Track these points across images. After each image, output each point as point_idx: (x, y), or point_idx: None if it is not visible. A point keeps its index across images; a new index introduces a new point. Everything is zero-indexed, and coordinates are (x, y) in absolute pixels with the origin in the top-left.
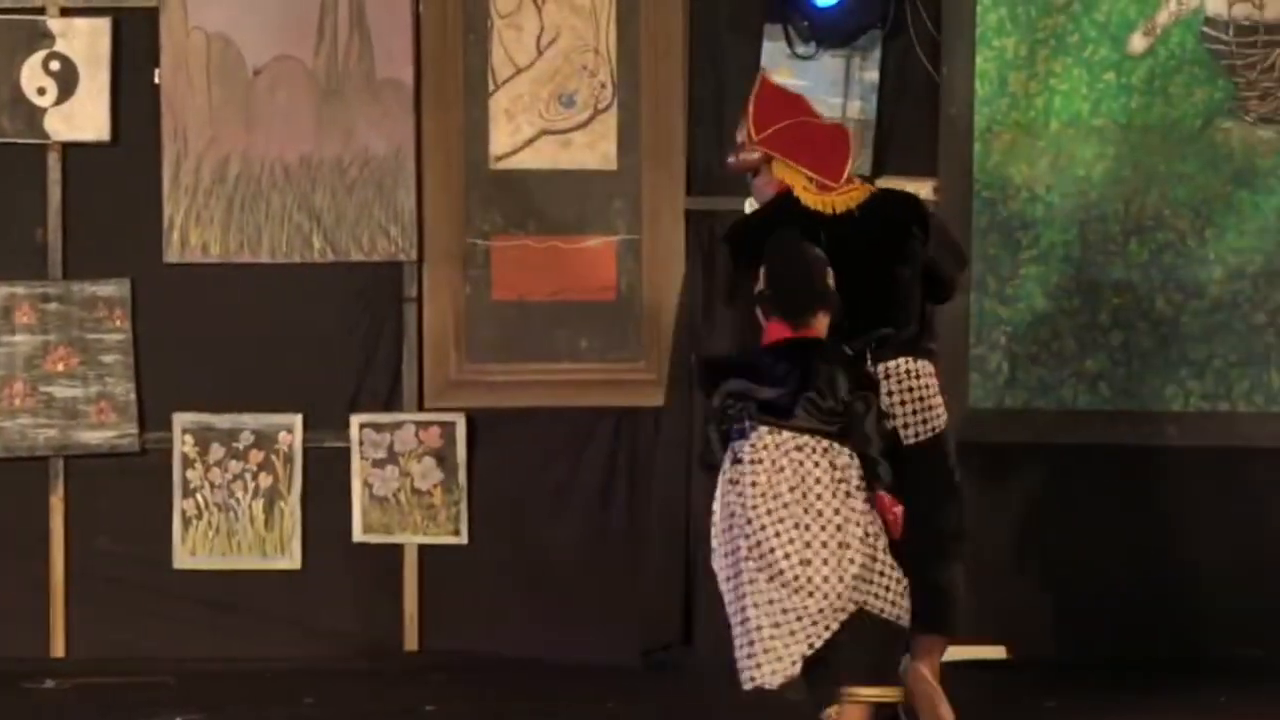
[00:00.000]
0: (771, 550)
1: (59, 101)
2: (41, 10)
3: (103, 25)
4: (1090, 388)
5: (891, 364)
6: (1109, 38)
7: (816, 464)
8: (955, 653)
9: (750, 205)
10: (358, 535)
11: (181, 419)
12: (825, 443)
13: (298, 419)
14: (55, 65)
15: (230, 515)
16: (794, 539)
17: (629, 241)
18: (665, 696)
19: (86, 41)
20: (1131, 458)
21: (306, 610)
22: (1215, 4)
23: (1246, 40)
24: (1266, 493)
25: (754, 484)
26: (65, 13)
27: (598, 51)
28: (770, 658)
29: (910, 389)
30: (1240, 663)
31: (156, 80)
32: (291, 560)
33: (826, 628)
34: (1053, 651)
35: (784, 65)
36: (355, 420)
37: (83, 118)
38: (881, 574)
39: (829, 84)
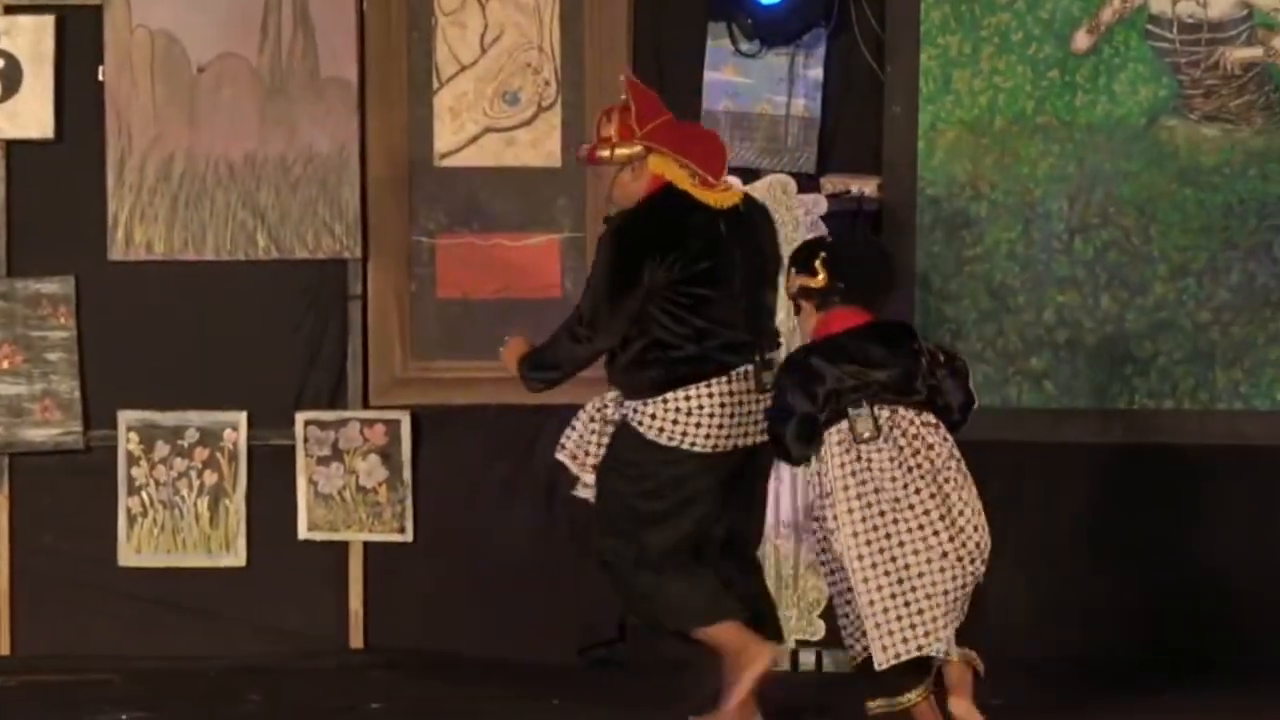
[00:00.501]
0: (941, 517)
1: (3, 99)
2: None
3: (46, 22)
4: (1035, 386)
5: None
6: (1053, 35)
7: (945, 438)
8: None
9: None
10: (303, 533)
11: (126, 416)
12: (936, 417)
13: (242, 416)
14: None
15: (175, 513)
16: (948, 510)
17: (573, 239)
18: (608, 694)
19: (30, 39)
20: (1077, 456)
21: (252, 608)
22: (1159, 2)
23: (1191, 38)
24: (1211, 490)
25: (910, 461)
26: (9, 10)
27: (541, 49)
28: (939, 626)
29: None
30: (1192, 658)
31: (101, 78)
32: (237, 558)
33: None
34: (996, 648)
35: (728, 63)
36: (300, 418)
37: (27, 115)
38: None
39: (773, 82)
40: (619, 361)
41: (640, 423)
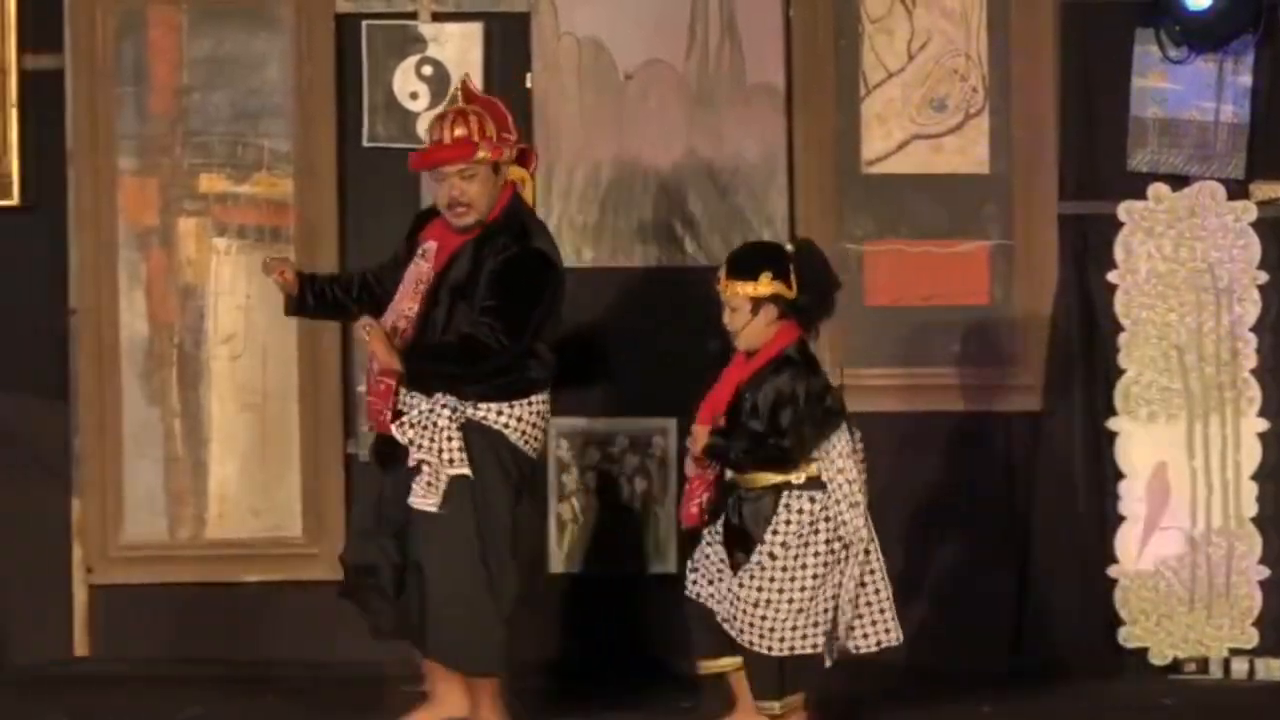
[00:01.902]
0: None
1: (431, 106)
2: (414, 15)
3: (474, 30)
4: None
5: None
6: None
7: None
8: None
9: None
10: None
11: (557, 423)
12: None
13: (672, 423)
14: (427, 70)
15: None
16: None
17: (1002, 246)
18: (1038, 701)
19: (458, 46)
20: None
21: (682, 613)
22: None
23: None
24: None
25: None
26: (437, 18)
27: (968, 56)
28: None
29: None
30: None
31: (528, 85)
32: (666, 564)
33: None
34: None
35: (1156, 69)
36: None
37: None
38: None
39: (1201, 88)
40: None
41: (507, 425)
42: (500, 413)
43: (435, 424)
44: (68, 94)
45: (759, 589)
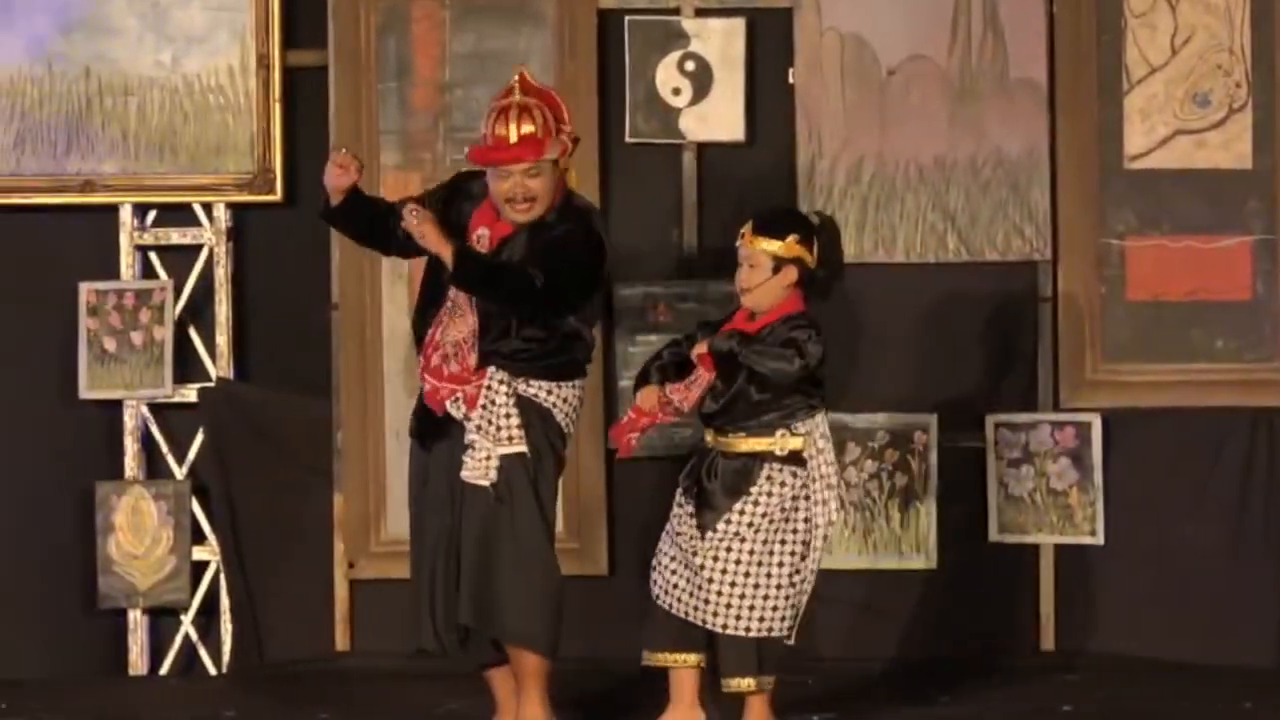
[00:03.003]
0: None
1: (693, 101)
2: (676, 11)
3: (737, 25)
4: None
5: None
6: None
7: None
8: None
9: None
10: (993, 535)
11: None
12: None
13: (932, 419)
14: (690, 65)
15: (867, 515)
16: None
17: (1265, 242)
18: None
19: (721, 41)
20: None
21: (942, 609)
22: None
23: None
24: None
25: None
26: (700, 13)
27: (1232, 51)
28: None
29: None
30: None
31: (791, 80)
32: (927, 560)
33: None
34: None
35: None
36: (990, 420)
37: (717, 118)
38: None
39: None
40: (539, 340)
41: (555, 405)
42: (550, 391)
43: (493, 400)
44: (331, 90)
45: (737, 562)
